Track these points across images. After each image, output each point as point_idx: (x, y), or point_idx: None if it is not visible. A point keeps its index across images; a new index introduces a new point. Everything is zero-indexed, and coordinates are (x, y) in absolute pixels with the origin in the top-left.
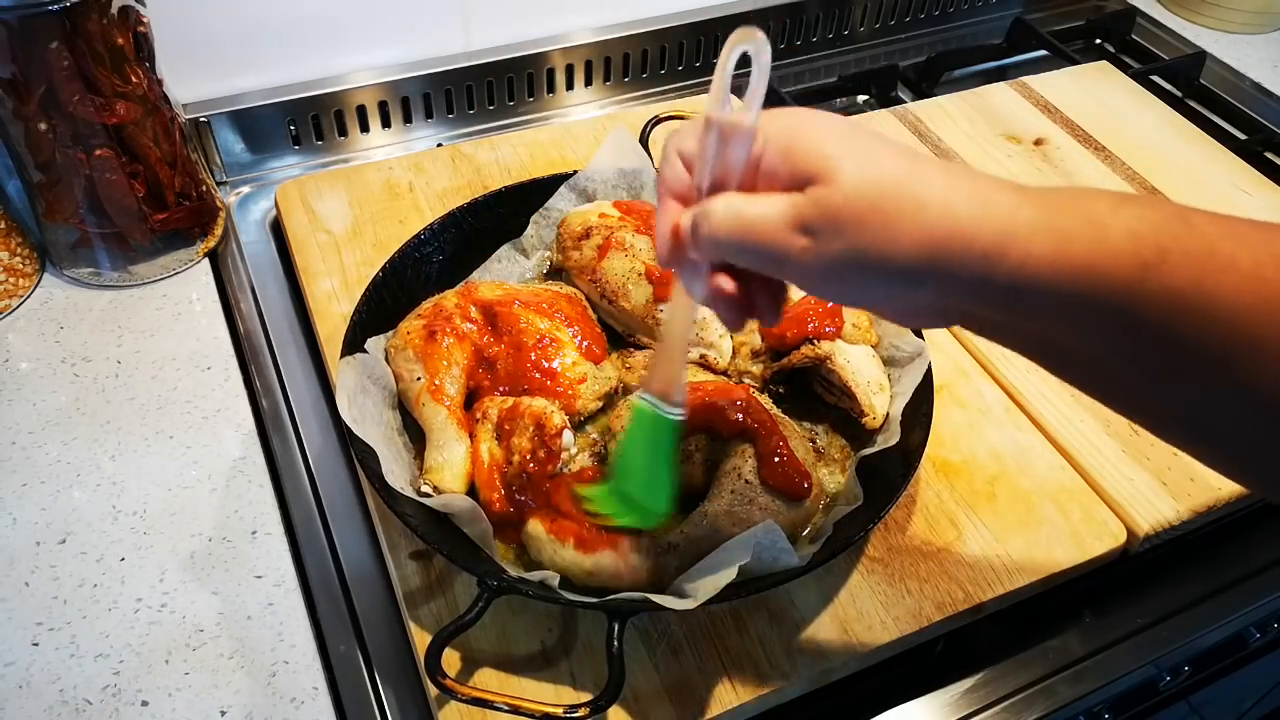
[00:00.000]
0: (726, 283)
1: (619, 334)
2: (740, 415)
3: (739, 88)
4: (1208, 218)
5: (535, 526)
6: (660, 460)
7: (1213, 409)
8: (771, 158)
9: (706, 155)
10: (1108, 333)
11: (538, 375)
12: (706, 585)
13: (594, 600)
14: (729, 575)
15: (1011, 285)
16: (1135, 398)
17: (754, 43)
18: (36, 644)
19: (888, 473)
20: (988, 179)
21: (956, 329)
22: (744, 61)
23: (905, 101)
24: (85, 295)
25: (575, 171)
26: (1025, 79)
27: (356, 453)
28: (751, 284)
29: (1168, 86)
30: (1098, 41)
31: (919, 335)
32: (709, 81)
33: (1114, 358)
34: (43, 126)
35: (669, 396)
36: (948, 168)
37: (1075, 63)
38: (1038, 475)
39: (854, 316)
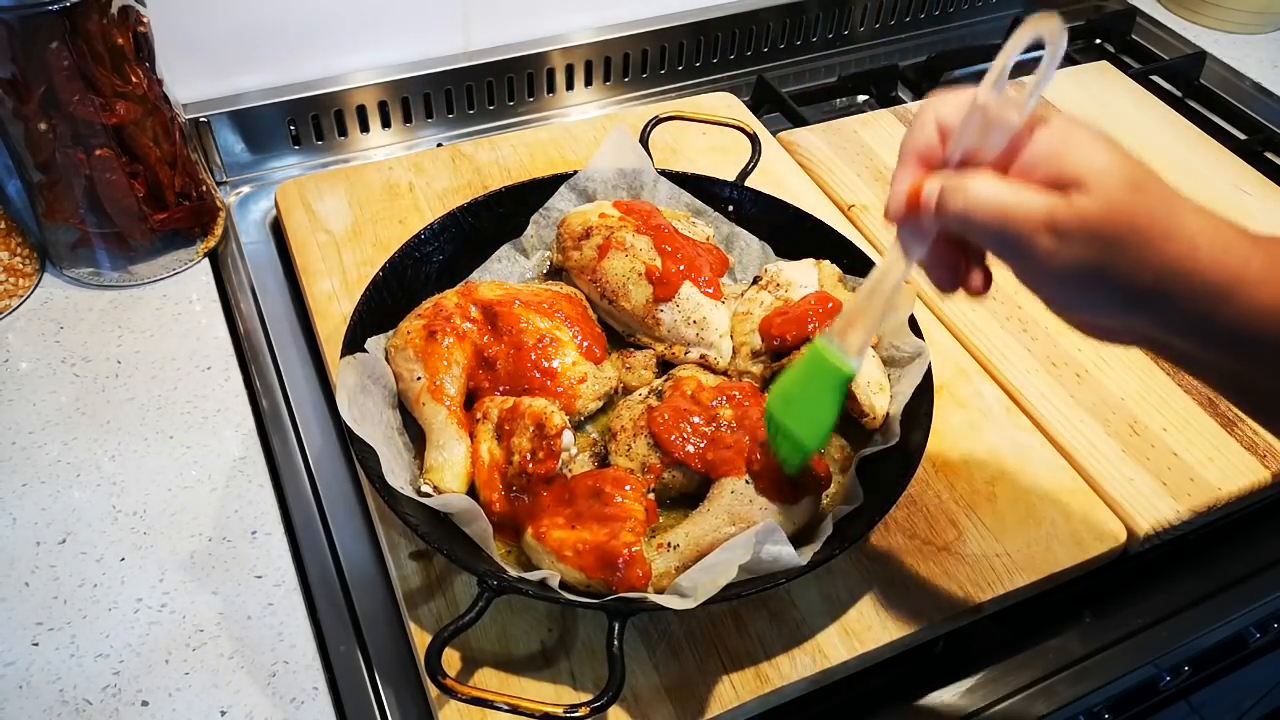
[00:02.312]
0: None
1: (619, 334)
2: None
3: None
4: None
5: (533, 537)
6: (824, 403)
7: None
8: (1035, 153)
9: (967, 131)
10: None
11: (538, 375)
12: (706, 585)
13: (594, 600)
14: (729, 575)
15: (1231, 328)
16: None
17: (1051, 31)
18: (36, 644)
19: (888, 473)
20: (1231, 224)
21: (961, 332)
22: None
23: (905, 101)
24: (85, 295)
25: (575, 171)
26: (1025, 79)
27: (356, 453)
28: (969, 255)
29: (1168, 86)
30: (1098, 41)
31: (918, 335)
32: (709, 81)
33: None
34: (43, 126)
35: (853, 349)
36: (1198, 206)
37: (1075, 63)
38: (1038, 475)
39: None
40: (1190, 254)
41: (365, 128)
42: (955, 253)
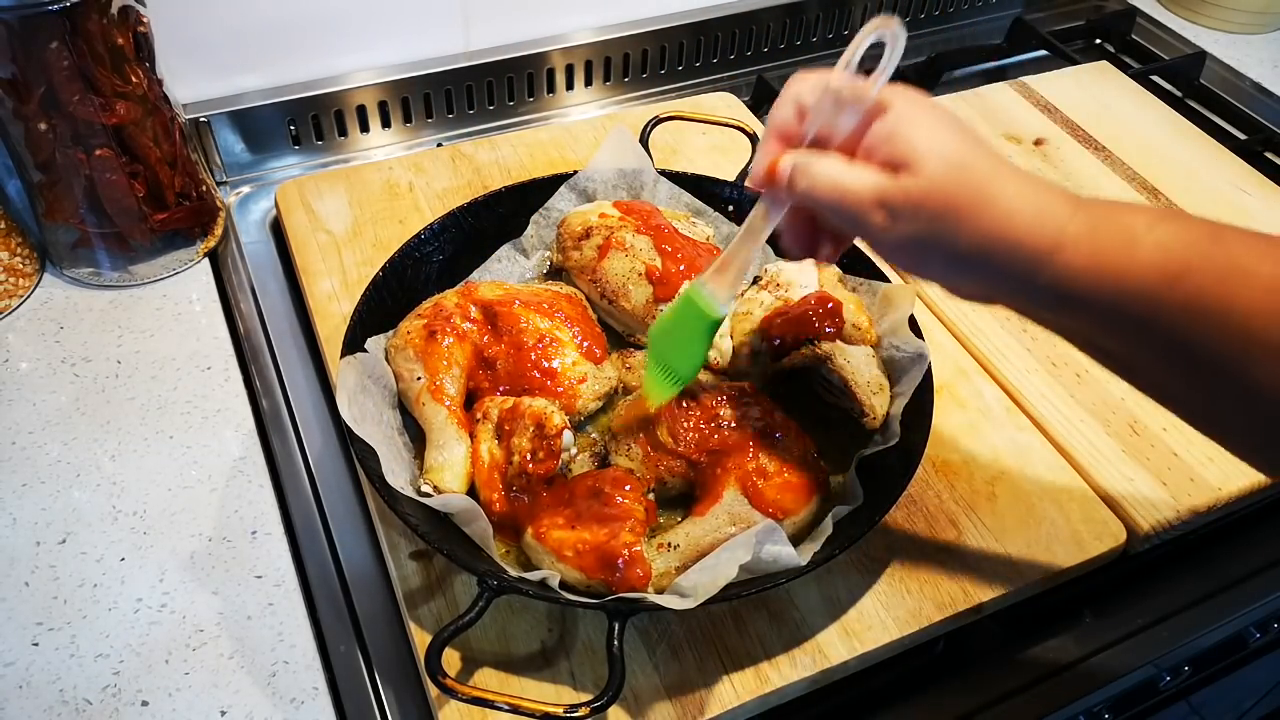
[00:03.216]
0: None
1: (619, 334)
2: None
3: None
4: (1238, 235)
5: (533, 537)
6: (695, 343)
7: (1231, 405)
8: (875, 135)
9: (820, 112)
10: (1138, 335)
11: (538, 375)
12: (706, 585)
13: (594, 600)
14: (729, 575)
15: (1052, 288)
16: (1165, 392)
17: (890, 33)
18: (36, 644)
19: (888, 473)
20: (1054, 191)
21: (961, 332)
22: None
23: None
24: (85, 295)
25: (575, 171)
26: (1025, 79)
27: (356, 453)
28: (822, 226)
29: (1168, 86)
30: (1098, 41)
31: (919, 335)
32: (709, 81)
33: (1145, 357)
34: (43, 126)
35: (719, 294)
36: (1022, 175)
37: (1075, 63)
38: (1038, 475)
39: (854, 317)
40: (1005, 223)
41: (365, 128)
42: (808, 222)
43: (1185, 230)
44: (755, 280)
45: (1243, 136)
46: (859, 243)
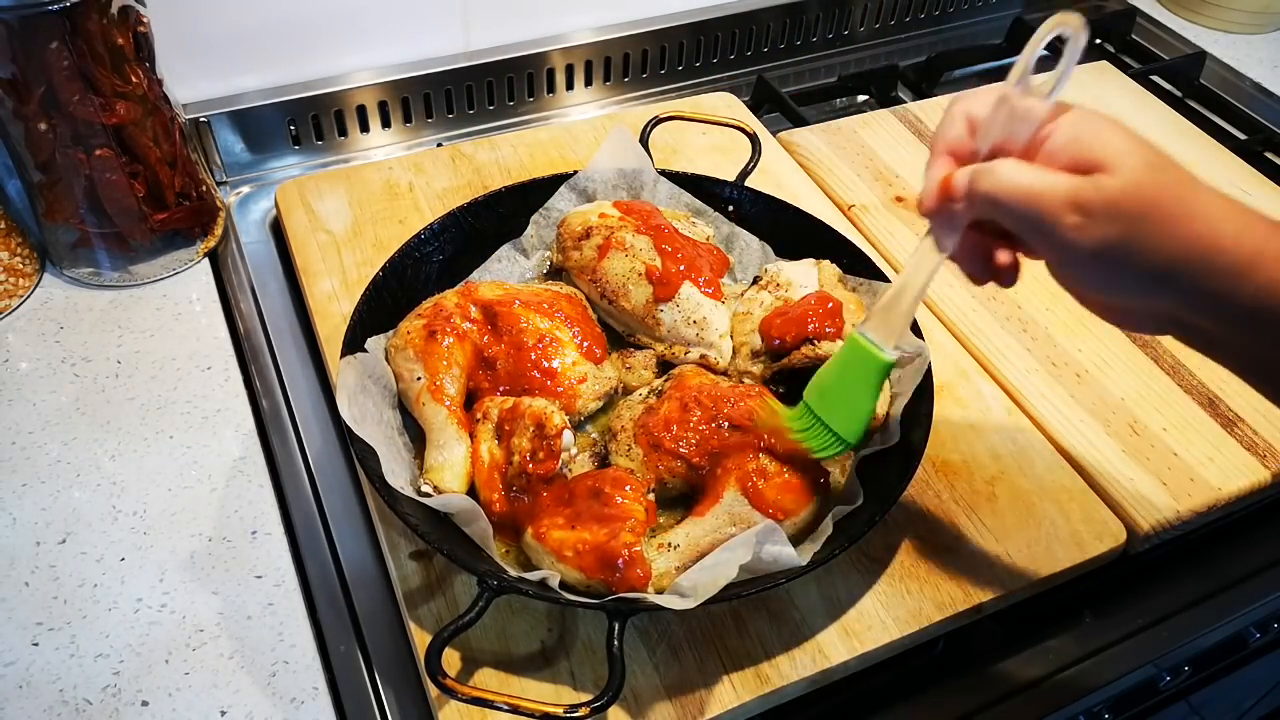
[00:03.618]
0: (980, 238)
1: (619, 334)
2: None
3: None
4: None
5: (533, 537)
6: (864, 395)
7: None
8: (1057, 140)
9: (994, 124)
10: None
11: (538, 375)
12: (706, 585)
13: (594, 600)
14: (729, 575)
15: (1252, 303)
16: None
17: (1071, 28)
18: (36, 644)
19: (888, 473)
20: (1249, 208)
21: (961, 332)
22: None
23: (905, 101)
24: (85, 295)
25: (575, 171)
26: (1042, 76)
27: (356, 453)
28: (998, 248)
29: (1168, 86)
30: (1098, 41)
31: (919, 335)
32: (709, 81)
33: None
34: (43, 126)
35: (888, 340)
36: (1217, 190)
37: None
38: (1038, 475)
39: (854, 317)
40: (1211, 231)
41: (365, 128)
42: (985, 244)
43: None
44: (755, 280)
45: (1243, 136)
46: (863, 225)
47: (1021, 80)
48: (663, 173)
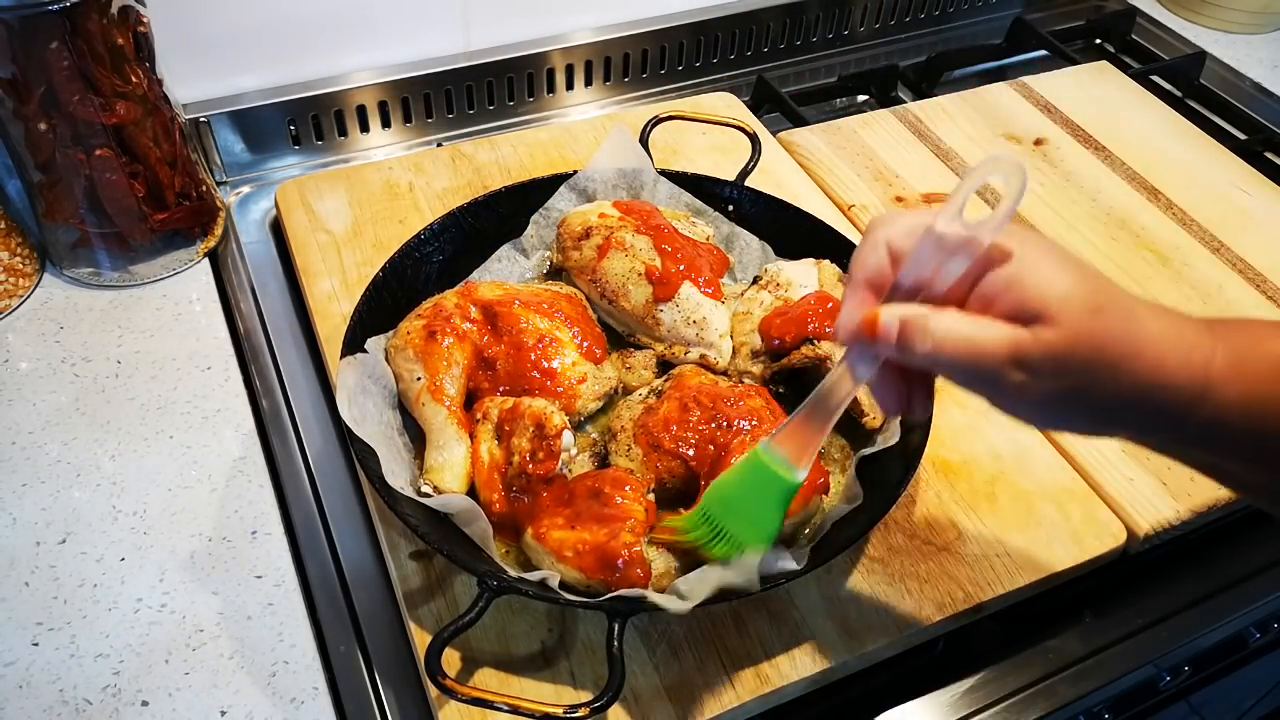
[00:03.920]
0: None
1: (619, 334)
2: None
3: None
4: None
5: (533, 537)
6: (770, 512)
7: None
8: (993, 284)
9: (920, 258)
10: None
11: (538, 375)
12: (705, 585)
13: (594, 600)
14: (726, 573)
15: (1203, 429)
16: None
17: (1006, 174)
18: (36, 644)
19: (888, 473)
20: (1189, 321)
21: None
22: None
23: (905, 101)
24: (85, 295)
25: (575, 171)
26: (1025, 79)
27: (356, 453)
28: (914, 380)
29: (1168, 86)
30: (1098, 41)
31: None
32: (709, 81)
33: None
34: (43, 126)
35: (797, 462)
36: (1155, 309)
37: (1075, 63)
38: (1038, 475)
39: None
40: (1157, 369)
41: (365, 128)
42: (901, 376)
43: None
44: (755, 280)
45: (1243, 136)
46: (863, 224)
47: (955, 216)
48: (663, 173)
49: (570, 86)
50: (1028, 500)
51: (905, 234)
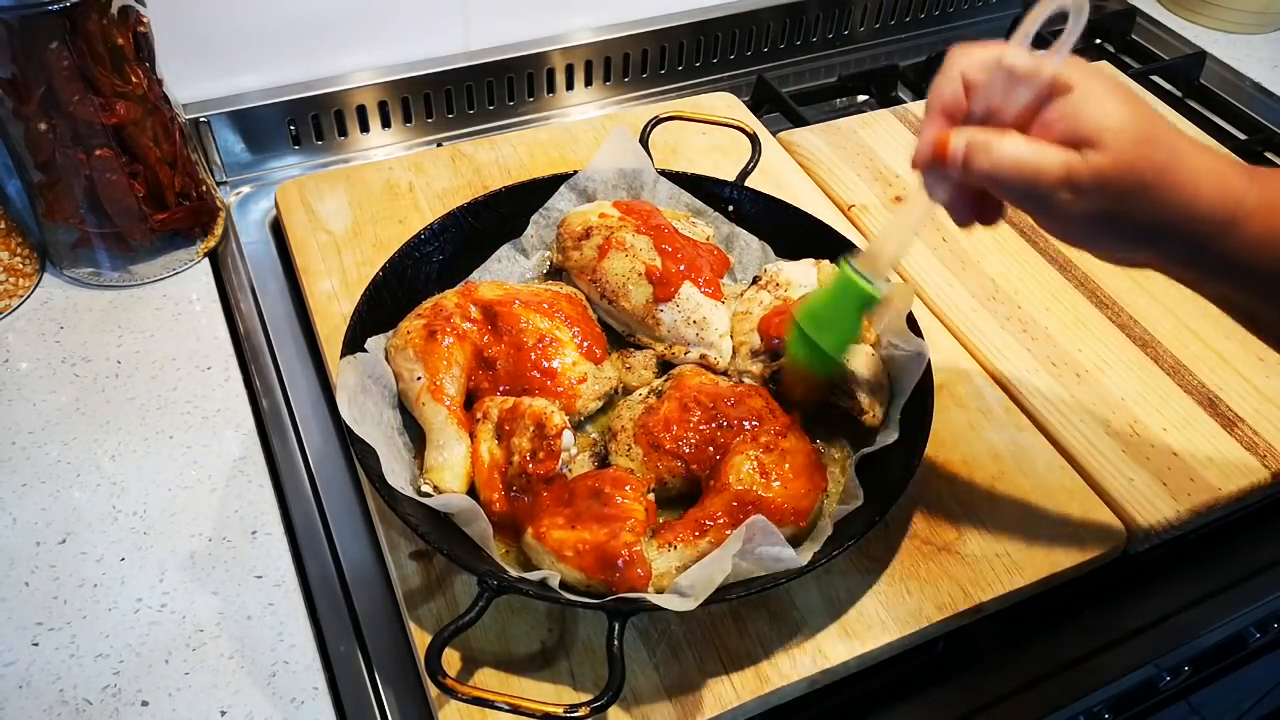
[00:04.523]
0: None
1: (619, 334)
2: None
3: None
4: None
5: (533, 537)
6: (846, 320)
7: None
8: (1054, 111)
9: (991, 88)
10: None
11: (538, 375)
12: (704, 584)
13: (594, 600)
14: (724, 570)
15: (1224, 260)
16: None
17: (1072, 4)
18: (36, 644)
19: (888, 473)
20: (1231, 162)
21: (961, 332)
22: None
23: (905, 101)
24: (85, 295)
25: (575, 171)
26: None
27: (356, 452)
28: (984, 195)
29: (1168, 86)
30: (1098, 41)
31: (918, 334)
32: (709, 81)
33: None
34: (43, 126)
35: (876, 273)
36: (1199, 147)
37: None
38: (1038, 475)
39: None
40: (1192, 199)
41: (365, 128)
42: (972, 193)
43: None
44: (755, 280)
45: (1243, 136)
46: (863, 224)
47: (1022, 45)
48: (663, 173)
49: (570, 86)
50: (1028, 500)
51: (979, 66)
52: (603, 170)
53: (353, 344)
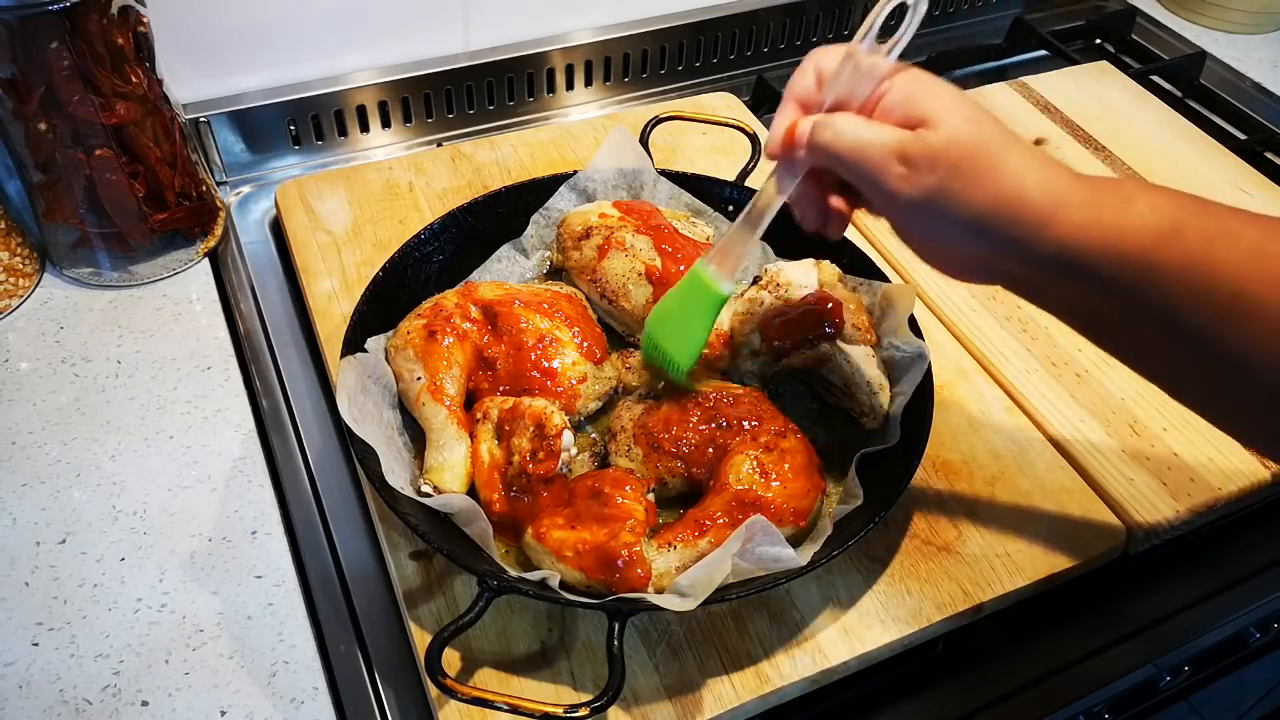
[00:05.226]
0: (813, 188)
1: (619, 334)
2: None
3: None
4: (1225, 206)
5: (533, 537)
6: (695, 324)
7: (1226, 377)
8: (892, 97)
9: (839, 78)
10: (1133, 299)
11: (538, 375)
12: (703, 583)
13: (594, 600)
14: (724, 569)
15: (1055, 248)
16: (1167, 369)
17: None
18: (36, 644)
19: (888, 473)
20: (1058, 164)
21: (961, 332)
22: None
23: None
24: (85, 295)
25: (575, 171)
26: (1025, 79)
27: (356, 453)
28: (832, 196)
29: (1168, 86)
30: (1098, 41)
31: (919, 335)
32: (709, 81)
33: (1141, 327)
34: (43, 126)
35: (726, 274)
36: (1029, 148)
37: (1075, 63)
38: (1038, 475)
39: (854, 317)
40: (1017, 183)
41: (365, 128)
42: (821, 192)
43: (1177, 196)
44: (755, 280)
45: (1243, 136)
46: (863, 224)
47: (866, 39)
48: (663, 173)
49: (570, 86)
50: (1028, 500)
51: (832, 60)
52: (603, 170)
53: (353, 344)
